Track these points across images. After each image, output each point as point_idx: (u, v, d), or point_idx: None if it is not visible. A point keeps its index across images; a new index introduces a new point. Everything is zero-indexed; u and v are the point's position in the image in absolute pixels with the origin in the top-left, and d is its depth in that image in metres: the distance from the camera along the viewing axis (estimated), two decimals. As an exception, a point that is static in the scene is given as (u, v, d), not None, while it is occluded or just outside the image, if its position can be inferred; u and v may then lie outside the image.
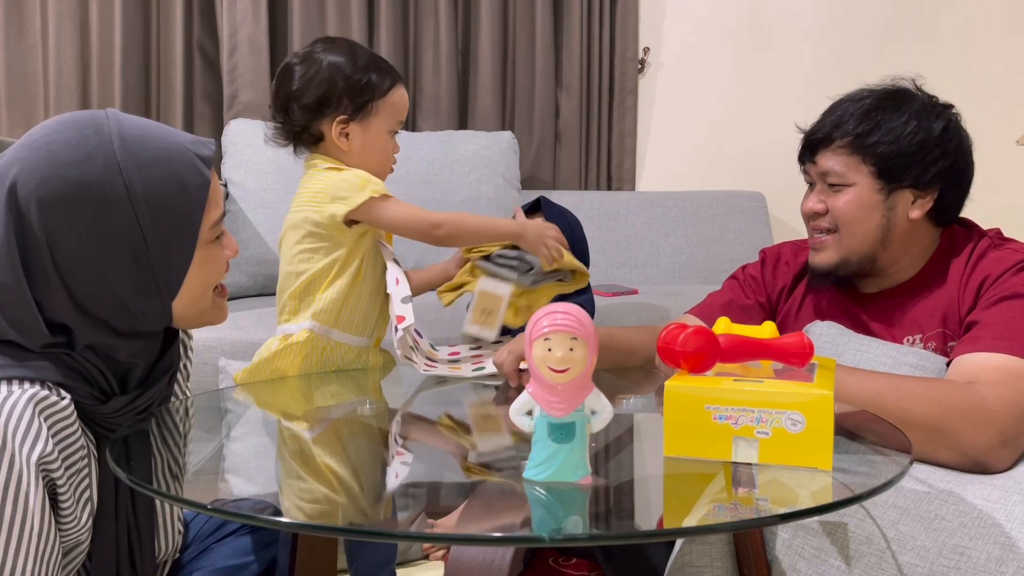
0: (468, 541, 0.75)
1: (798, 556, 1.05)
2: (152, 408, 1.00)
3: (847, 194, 1.31)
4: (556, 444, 0.75)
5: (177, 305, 0.96)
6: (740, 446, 0.82)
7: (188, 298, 0.96)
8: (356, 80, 1.36)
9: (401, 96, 1.41)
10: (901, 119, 1.29)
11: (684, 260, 2.69)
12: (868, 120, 1.29)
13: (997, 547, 0.98)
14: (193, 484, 0.85)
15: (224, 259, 1.00)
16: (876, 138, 1.28)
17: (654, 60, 2.99)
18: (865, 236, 1.31)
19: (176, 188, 0.91)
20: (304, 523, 0.75)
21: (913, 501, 1.03)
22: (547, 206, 1.67)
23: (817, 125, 1.36)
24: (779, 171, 2.94)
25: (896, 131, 1.28)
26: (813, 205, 1.35)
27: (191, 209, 0.93)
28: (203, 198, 0.93)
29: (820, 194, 1.34)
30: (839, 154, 1.31)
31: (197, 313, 0.99)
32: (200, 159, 0.94)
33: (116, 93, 2.51)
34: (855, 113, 1.31)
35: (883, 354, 1.23)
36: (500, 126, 2.81)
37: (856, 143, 1.29)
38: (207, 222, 0.95)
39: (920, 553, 1.00)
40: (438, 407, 1.24)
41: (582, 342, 0.72)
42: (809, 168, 1.37)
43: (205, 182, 0.93)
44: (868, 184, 1.30)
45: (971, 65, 2.90)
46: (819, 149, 1.34)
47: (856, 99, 1.34)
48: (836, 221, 1.32)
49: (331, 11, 2.65)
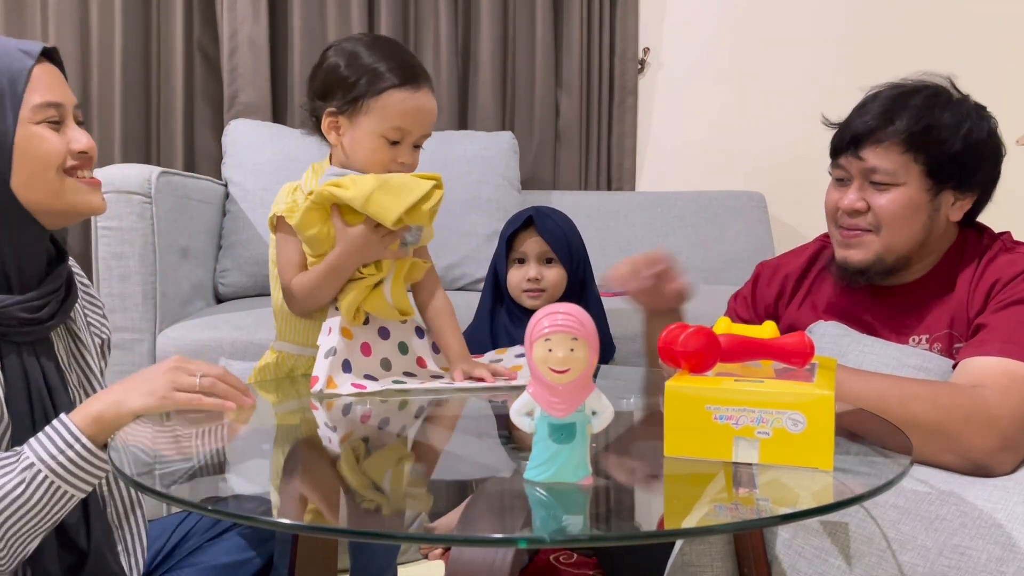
0: (468, 542, 0.75)
1: (799, 556, 1.05)
2: (55, 319, 1.05)
3: (894, 193, 1.26)
4: (557, 445, 0.75)
5: (17, 187, 1.01)
6: (741, 446, 0.82)
7: (23, 180, 1.01)
8: (347, 75, 1.30)
9: (400, 101, 1.28)
10: (954, 119, 1.25)
11: (684, 260, 2.67)
12: (923, 118, 1.24)
13: (998, 547, 0.98)
14: (192, 483, 0.85)
15: (59, 143, 1.04)
16: (931, 137, 1.23)
17: (654, 60, 2.99)
18: (908, 236, 1.27)
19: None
20: (304, 523, 0.75)
21: (914, 501, 1.03)
22: (539, 220, 1.67)
23: (859, 119, 1.29)
24: (779, 171, 2.96)
25: (950, 131, 1.24)
26: (853, 203, 1.29)
27: (3, 89, 0.99)
28: (21, 80, 1.00)
29: (860, 191, 1.28)
30: (891, 151, 1.25)
31: (49, 197, 1.03)
32: (22, 51, 1.02)
33: (116, 93, 2.51)
34: (907, 109, 1.25)
35: (887, 355, 1.23)
36: (500, 126, 2.81)
37: (910, 141, 1.24)
38: (27, 103, 1.01)
39: (921, 553, 1.00)
40: (438, 408, 1.24)
41: (583, 342, 0.72)
42: (850, 163, 1.29)
43: (23, 67, 1.01)
44: (918, 184, 1.25)
45: (971, 65, 2.90)
46: (865, 144, 1.27)
47: (900, 94, 1.28)
48: (879, 220, 1.27)
49: (331, 11, 2.65)
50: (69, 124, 1.05)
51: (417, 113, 1.31)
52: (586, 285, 1.75)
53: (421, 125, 1.32)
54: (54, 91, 1.04)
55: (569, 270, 1.70)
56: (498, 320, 1.73)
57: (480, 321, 1.74)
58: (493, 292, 1.74)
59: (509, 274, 1.70)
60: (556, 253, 1.68)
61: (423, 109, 1.32)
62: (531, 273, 1.67)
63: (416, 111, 1.31)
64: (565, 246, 1.69)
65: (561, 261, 1.69)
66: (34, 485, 0.94)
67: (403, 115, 1.30)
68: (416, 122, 1.31)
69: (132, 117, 2.56)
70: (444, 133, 2.62)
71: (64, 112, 1.04)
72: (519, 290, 1.69)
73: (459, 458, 0.99)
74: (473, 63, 2.81)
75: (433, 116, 1.34)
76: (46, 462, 0.95)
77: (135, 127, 2.57)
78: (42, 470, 0.94)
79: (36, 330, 1.02)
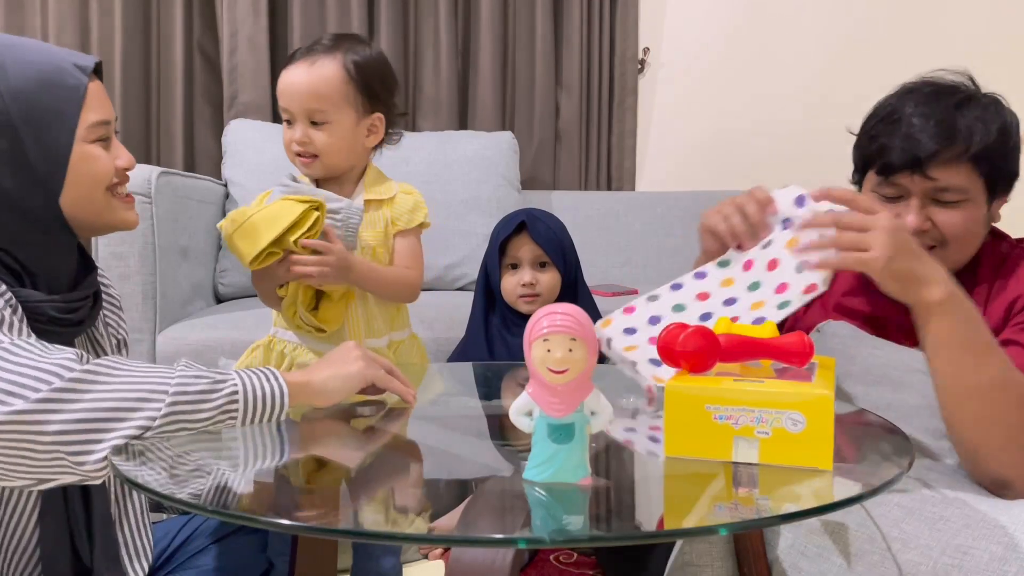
0: (468, 542, 0.75)
1: (800, 554, 1.05)
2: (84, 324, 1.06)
3: (965, 209, 1.20)
4: (556, 445, 0.75)
5: (65, 203, 1.01)
6: (740, 446, 0.82)
7: (74, 197, 1.02)
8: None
9: (279, 82, 1.37)
10: (998, 125, 1.21)
11: (684, 260, 2.67)
12: (988, 132, 1.19)
13: (1000, 547, 0.98)
14: (193, 484, 0.85)
15: (109, 162, 1.05)
16: (995, 151, 1.19)
17: (654, 60, 2.98)
18: (971, 250, 1.24)
19: (46, 86, 0.99)
20: (304, 524, 0.75)
21: (918, 502, 1.03)
22: (532, 224, 1.66)
23: (922, 135, 1.20)
24: (779, 171, 2.95)
25: (1000, 139, 1.20)
26: (920, 223, 1.20)
27: (62, 107, 1.00)
28: (77, 98, 1.01)
29: (923, 209, 1.21)
30: (961, 169, 1.19)
31: (93, 215, 1.04)
32: (77, 67, 1.02)
33: (116, 93, 2.51)
34: (968, 124, 1.19)
35: (896, 358, 1.22)
36: (500, 126, 2.81)
37: (979, 156, 1.18)
38: (84, 122, 1.01)
39: (923, 552, 1.00)
40: (438, 407, 1.24)
41: (581, 343, 0.72)
42: (913, 183, 1.21)
43: (79, 84, 1.01)
44: (982, 197, 1.21)
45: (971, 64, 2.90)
46: (932, 164, 1.19)
47: (952, 106, 1.21)
48: (946, 237, 1.21)
49: (331, 11, 2.65)
50: (113, 140, 1.07)
51: (284, 89, 1.35)
52: (578, 286, 1.74)
53: (291, 99, 1.35)
54: (105, 109, 1.05)
55: (563, 273, 1.69)
56: (492, 327, 1.72)
57: (474, 330, 1.74)
58: (485, 298, 1.73)
59: (503, 280, 1.70)
60: (550, 257, 1.67)
61: (288, 83, 1.35)
62: (526, 278, 1.66)
63: (282, 88, 1.36)
64: (559, 250, 1.68)
65: (555, 265, 1.68)
66: (218, 401, 0.94)
67: (279, 95, 1.36)
68: (287, 97, 1.35)
69: (132, 117, 2.56)
70: (444, 133, 2.62)
71: (110, 130, 1.06)
72: (514, 296, 1.68)
73: (459, 458, 0.99)
74: (473, 63, 2.81)
75: (302, 87, 1.34)
76: (247, 394, 0.95)
77: (135, 127, 2.57)
78: (238, 400, 0.95)
79: (64, 332, 1.02)
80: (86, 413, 0.86)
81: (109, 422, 0.86)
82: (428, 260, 2.40)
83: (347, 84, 1.34)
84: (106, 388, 0.87)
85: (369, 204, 1.40)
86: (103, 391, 0.87)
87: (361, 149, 1.40)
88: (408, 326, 1.53)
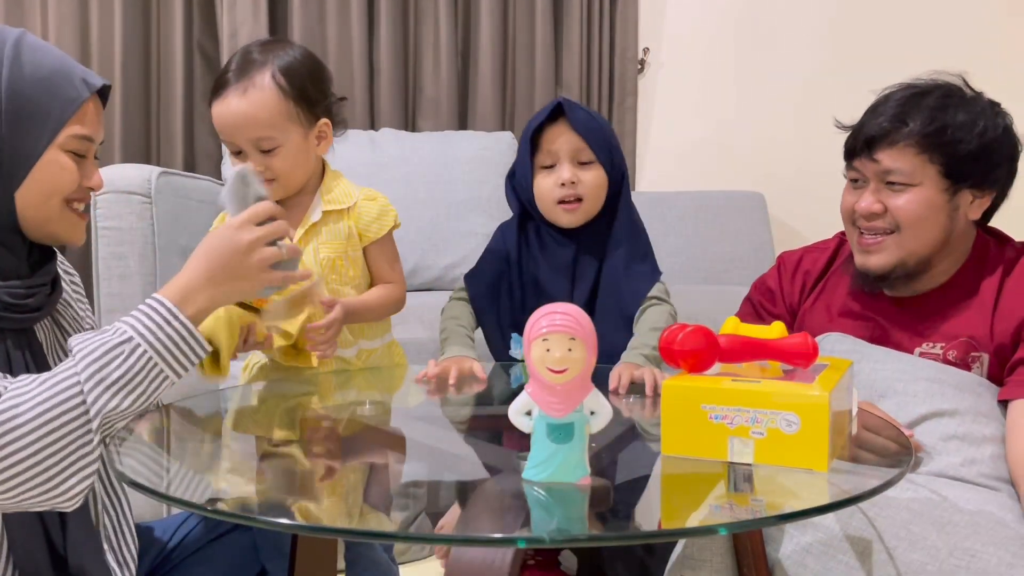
0: (468, 542, 0.75)
1: (806, 552, 1.05)
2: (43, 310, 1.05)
3: (912, 194, 1.25)
4: (555, 444, 0.75)
5: (20, 200, 1.01)
6: (735, 446, 0.82)
7: (30, 198, 1.01)
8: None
9: (213, 117, 1.30)
10: (969, 118, 1.24)
11: (684, 260, 2.69)
12: (936, 118, 1.24)
13: (1008, 553, 0.98)
14: (191, 484, 0.86)
15: (75, 176, 1.04)
16: (946, 137, 1.23)
17: (654, 60, 2.99)
18: (929, 237, 1.26)
19: (47, 87, 0.99)
20: (303, 524, 0.75)
21: (928, 506, 1.04)
22: (571, 111, 1.39)
23: (872, 121, 1.28)
24: (779, 171, 2.95)
25: (965, 130, 1.24)
26: (869, 205, 1.28)
27: (52, 111, 1.00)
28: (70, 107, 1.01)
29: (876, 193, 1.28)
30: (905, 152, 1.25)
31: (42, 220, 1.04)
32: (84, 81, 1.02)
33: (116, 93, 2.51)
34: (921, 110, 1.25)
35: (899, 368, 1.21)
36: (500, 126, 2.81)
37: (925, 142, 1.24)
38: (68, 131, 1.01)
39: (931, 552, 1.00)
40: (437, 407, 1.24)
41: (580, 342, 0.72)
42: (864, 165, 1.29)
43: (79, 96, 1.01)
44: (934, 184, 1.25)
45: (971, 64, 2.90)
46: (879, 146, 1.26)
47: (913, 95, 1.28)
48: (898, 222, 1.26)
49: (331, 11, 2.65)
50: (89, 159, 1.07)
51: (223, 124, 1.28)
52: (622, 198, 1.46)
53: (234, 134, 1.28)
54: (94, 127, 1.05)
55: (608, 173, 1.41)
56: (523, 247, 1.46)
57: (497, 250, 1.48)
58: (519, 215, 1.47)
59: (536, 182, 1.41)
60: (593, 150, 1.38)
61: (225, 117, 1.27)
62: (565, 175, 1.37)
63: (221, 123, 1.28)
64: (604, 142, 1.40)
65: (600, 161, 1.39)
66: (133, 358, 0.94)
67: (219, 129, 1.29)
68: (228, 132, 1.28)
69: (132, 117, 2.56)
70: (444, 133, 2.62)
71: (90, 148, 1.06)
72: (551, 200, 1.40)
73: (458, 458, 0.99)
74: (473, 63, 2.81)
75: (241, 119, 1.27)
76: (144, 336, 0.96)
77: (135, 127, 2.57)
78: (140, 343, 0.95)
79: (21, 318, 1.02)
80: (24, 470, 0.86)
81: (53, 467, 0.87)
82: (428, 260, 2.42)
83: (284, 102, 1.28)
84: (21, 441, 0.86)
85: (328, 216, 1.36)
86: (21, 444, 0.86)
87: (315, 159, 1.37)
88: (385, 334, 1.47)
